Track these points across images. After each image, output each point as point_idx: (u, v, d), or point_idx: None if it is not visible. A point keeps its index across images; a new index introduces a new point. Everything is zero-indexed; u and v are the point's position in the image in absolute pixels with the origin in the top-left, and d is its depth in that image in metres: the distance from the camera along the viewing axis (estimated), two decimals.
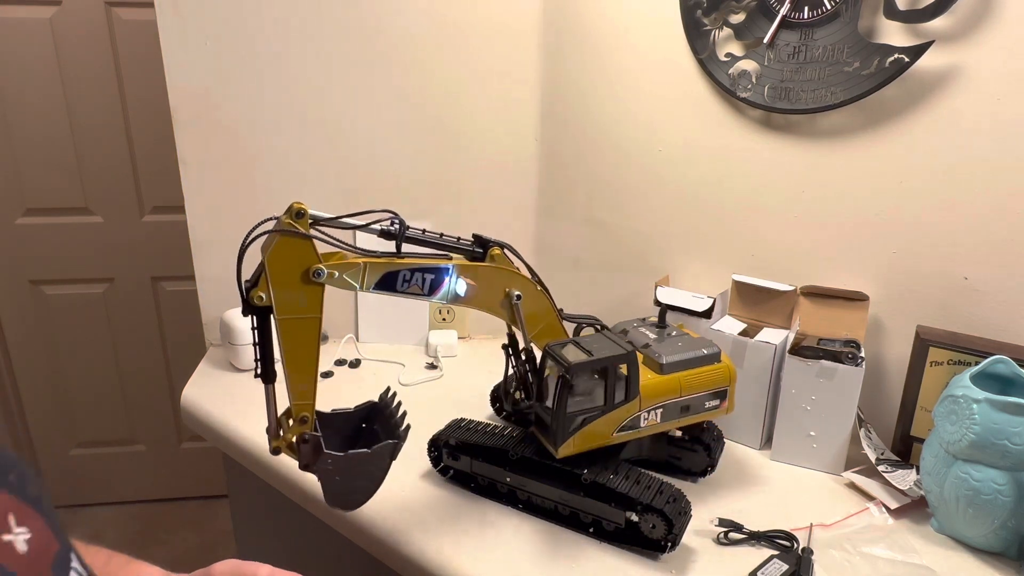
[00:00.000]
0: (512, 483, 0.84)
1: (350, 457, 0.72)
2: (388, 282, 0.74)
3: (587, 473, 0.78)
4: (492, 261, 0.80)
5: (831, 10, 0.91)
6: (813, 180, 1.01)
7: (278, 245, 0.68)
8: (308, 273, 0.69)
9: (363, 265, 0.73)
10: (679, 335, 0.91)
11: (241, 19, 1.16)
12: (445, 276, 0.76)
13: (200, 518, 2.24)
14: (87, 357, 2.11)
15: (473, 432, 0.88)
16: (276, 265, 0.68)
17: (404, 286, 0.75)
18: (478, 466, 0.87)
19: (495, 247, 0.80)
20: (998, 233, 0.87)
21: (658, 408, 0.83)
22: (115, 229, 2.00)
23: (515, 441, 0.85)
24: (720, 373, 0.87)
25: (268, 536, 1.22)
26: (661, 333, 0.91)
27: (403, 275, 0.75)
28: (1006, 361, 0.78)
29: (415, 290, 0.76)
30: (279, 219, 0.69)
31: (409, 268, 0.74)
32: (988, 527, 0.76)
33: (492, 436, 0.87)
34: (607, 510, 0.78)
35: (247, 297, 0.69)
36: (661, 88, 1.13)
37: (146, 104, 1.89)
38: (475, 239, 0.81)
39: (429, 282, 0.76)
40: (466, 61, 1.25)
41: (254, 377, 0.72)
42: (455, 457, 0.89)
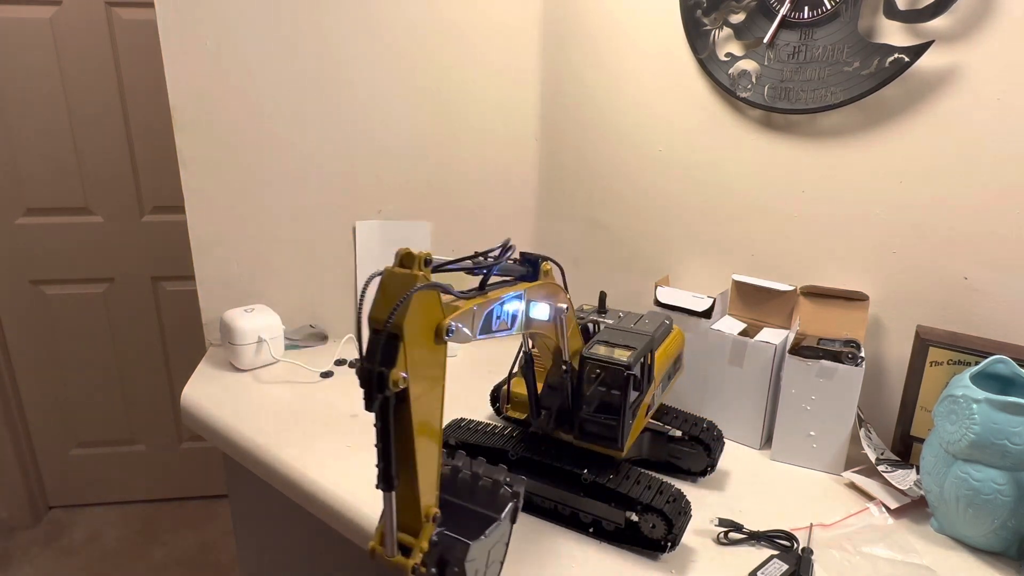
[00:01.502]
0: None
1: (489, 537, 0.60)
2: (487, 323, 0.64)
3: (587, 473, 0.78)
4: (545, 276, 0.75)
5: (831, 10, 0.91)
6: (813, 180, 1.01)
7: (418, 305, 0.53)
8: (441, 332, 0.56)
9: (473, 310, 0.61)
10: (629, 315, 0.92)
11: (241, 19, 1.16)
12: (519, 303, 0.68)
13: (200, 518, 2.25)
14: (87, 357, 2.11)
15: (472, 432, 0.88)
16: (412, 329, 0.53)
17: (496, 323, 0.65)
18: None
19: (545, 262, 0.75)
20: (998, 233, 0.87)
21: (661, 382, 0.87)
22: (115, 229, 2.00)
23: (514, 441, 0.85)
24: (678, 338, 0.94)
25: (268, 536, 1.22)
26: (614, 316, 0.92)
27: (495, 312, 0.64)
28: (1006, 361, 0.78)
29: (503, 326, 0.66)
30: (391, 270, 0.54)
31: (498, 302, 0.65)
32: (988, 527, 0.76)
33: (491, 436, 0.87)
34: (607, 510, 0.78)
35: (381, 381, 0.50)
36: (661, 88, 1.13)
37: (146, 104, 1.89)
38: (522, 256, 0.74)
39: (510, 314, 0.67)
40: (466, 61, 1.25)
41: (376, 487, 0.54)
42: (454, 458, 0.89)
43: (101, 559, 2.05)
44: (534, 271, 0.73)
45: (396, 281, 0.53)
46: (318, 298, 1.34)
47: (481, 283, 0.64)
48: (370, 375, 0.50)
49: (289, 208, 1.28)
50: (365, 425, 1.04)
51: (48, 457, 2.22)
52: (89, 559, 2.05)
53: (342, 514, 0.86)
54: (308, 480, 0.91)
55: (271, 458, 0.96)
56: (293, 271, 1.32)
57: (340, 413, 1.07)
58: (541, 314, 0.72)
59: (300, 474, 0.92)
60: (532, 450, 0.82)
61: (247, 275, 1.30)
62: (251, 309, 1.23)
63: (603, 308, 0.93)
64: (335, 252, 1.32)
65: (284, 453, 0.96)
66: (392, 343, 0.51)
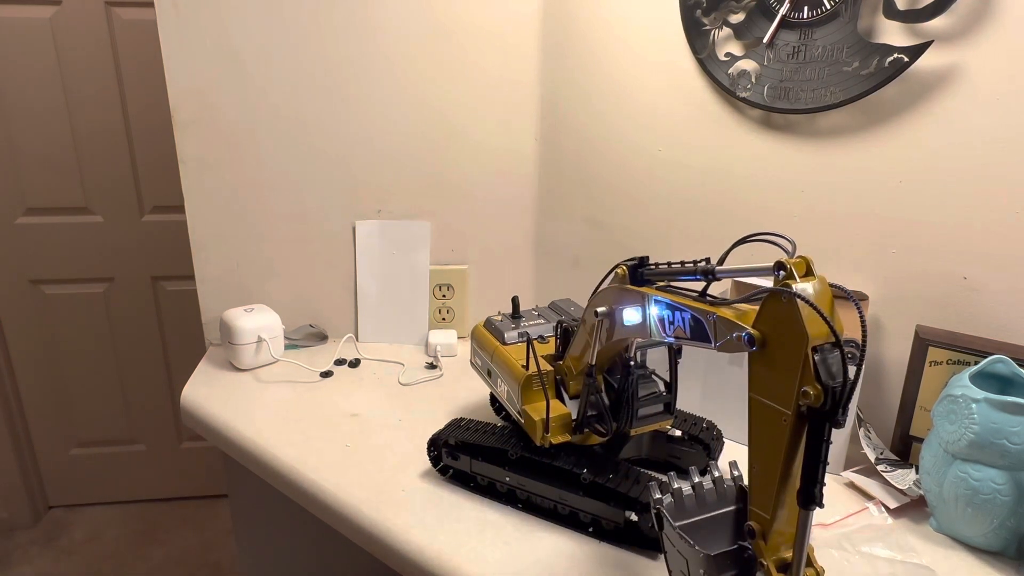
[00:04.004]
0: (511, 483, 0.84)
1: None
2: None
3: (586, 473, 0.78)
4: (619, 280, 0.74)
5: (830, 10, 0.91)
6: (813, 180, 1.01)
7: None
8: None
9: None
10: (542, 311, 0.98)
11: (241, 19, 1.16)
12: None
13: (200, 518, 2.25)
14: (87, 357, 2.11)
15: (472, 431, 0.88)
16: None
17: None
18: (478, 466, 0.87)
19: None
20: (998, 233, 0.87)
21: None
22: (115, 229, 2.00)
23: (514, 441, 0.85)
24: None
25: (268, 536, 1.22)
26: (530, 315, 0.96)
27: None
28: (1005, 361, 0.78)
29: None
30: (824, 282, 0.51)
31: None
32: (987, 526, 0.76)
33: (491, 436, 0.87)
34: (606, 509, 0.78)
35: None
36: (661, 88, 1.13)
37: (146, 104, 1.89)
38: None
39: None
40: (466, 61, 1.25)
41: (805, 506, 0.50)
42: (454, 456, 0.89)
43: (101, 559, 2.05)
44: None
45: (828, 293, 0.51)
46: (318, 298, 1.34)
47: (703, 291, 0.62)
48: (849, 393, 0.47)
49: (289, 208, 1.28)
50: (365, 425, 1.04)
51: (48, 457, 2.22)
52: (89, 559, 2.05)
53: (342, 514, 0.86)
54: (308, 480, 0.91)
55: (271, 458, 0.96)
56: (293, 271, 1.32)
57: (340, 413, 1.08)
58: (633, 319, 0.67)
59: (300, 474, 0.92)
60: (531, 450, 0.82)
61: (247, 275, 1.30)
62: (251, 309, 1.23)
63: (517, 313, 0.95)
64: (335, 252, 1.32)
65: (284, 453, 0.96)
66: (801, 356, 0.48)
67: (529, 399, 0.83)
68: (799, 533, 0.51)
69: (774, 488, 0.51)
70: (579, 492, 0.79)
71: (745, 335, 0.52)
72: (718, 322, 0.56)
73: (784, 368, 0.49)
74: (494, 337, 0.94)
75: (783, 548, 0.53)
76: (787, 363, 0.49)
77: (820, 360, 0.47)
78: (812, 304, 0.48)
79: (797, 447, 0.50)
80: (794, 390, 0.48)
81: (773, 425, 0.51)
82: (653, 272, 0.67)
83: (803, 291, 0.49)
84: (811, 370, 0.47)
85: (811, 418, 0.48)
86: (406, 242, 1.32)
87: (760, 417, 0.52)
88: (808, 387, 0.47)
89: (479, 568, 0.75)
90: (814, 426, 0.48)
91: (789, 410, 0.49)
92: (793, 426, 0.49)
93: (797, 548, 0.51)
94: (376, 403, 1.11)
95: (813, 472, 0.49)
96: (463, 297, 1.37)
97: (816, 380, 0.47)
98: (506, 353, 0.90)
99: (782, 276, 0.51)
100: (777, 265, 0.51)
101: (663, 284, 0.66)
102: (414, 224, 1.32)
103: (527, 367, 0.84)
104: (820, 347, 0.48)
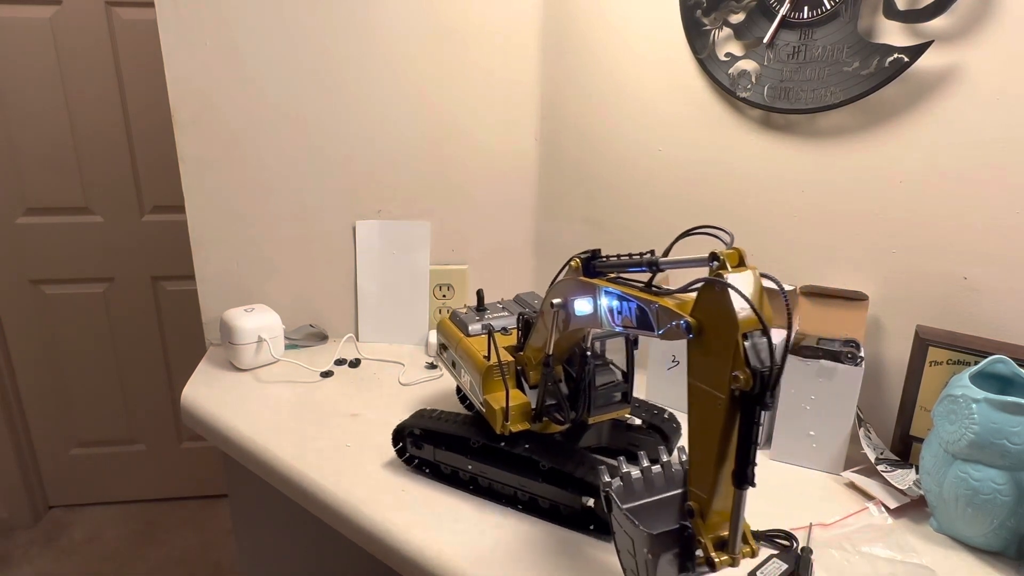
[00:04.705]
0: (473, 470, 0.86)
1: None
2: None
3: (545, 460, 0.80)
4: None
5: (831, 10, 0.92)
6: (813, 180, 1.01)
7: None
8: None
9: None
10: (507, 304, 1.00)
11: (241, 19, 1.16)
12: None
13: (200, 518, 2.25)
14: (87, 357, 2.11)
15: (437, 421, 0.90)
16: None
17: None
18: (441, 454, 0.89)
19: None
20: (998, 233, 0.87)
21: None
22: (115, 229, 2.00)
23: (476, 430, 0.87)
24: None
25: (268, 536, 1.22)
26: (494, 308, 0.99)
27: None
28: (1005, 361, 0.78)
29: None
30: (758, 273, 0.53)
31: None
32: (987, 526, 0.76)
33: (455, 425, 0.89)
34: (564, 495, 0.80)
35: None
36: (661, 88, 1.13)
37: (146, 104, 1.89)
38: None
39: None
40: (466, 60, 1.25)
41: (739, 486, 0.53)
42: (419, 446, 0.91)
43: (101, 559, 2.05)
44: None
45: (758, 283, 0.53)
46: (318, 298, 1.34)
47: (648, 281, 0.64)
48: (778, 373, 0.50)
49: (289, 208, 1.28)
50: (365, 425, 1.04)
51: (48, 457, 2.22)
52: (89, 559, 2.05)
53: (342, 514, 0.86)
54: (308, 480, 0.91)
55: (271, 458, 0.96)
56: (293, 271, 1.32)
57: (340, 413, 1.08)
58: (585, 309, 0.70)
59: (300, 474, 0.92)
60: (492, 438, 0.84)
61: (247, 275, 1.30)
62: (251, 309, 1.23)
63: (481, 306, 0.98)
64: (335, 252, 1.32)
65: (284, 453, 0.96)
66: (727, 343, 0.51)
67: (490, 389, 0.85)
68: (734, 512, 0.53)
69: (711, 469, 0.54)
70: (538, 479, 0.81)
71: (683, 323, 0.54)
72: (660, 311, 0.58)
73: (718, 354, 0.51)
74: (458, 329, 0.96)
75: (721, 527, 0.55)
76: (720, 349, 0.51)
77: (750, 346, 0.49)
78: (741, 293, 0.50)
79: (732, 430, 0.52)
80: (727, 375, 0.50)
81: (709, 409, 0.53)
82: (604, 264, 0.70)
83: (734, 281, 0.51)
84: (741, 355, 0.49)
85: (743, 401, 0.50)
86: (406, 242, 1.32)
87: (698, 401, 0.54)
88: (739, 371, 0.49)
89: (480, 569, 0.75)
90: (746, 409, 0.51)
91: (723, 394, 0.51)
92: (727, 409, 0.51)
93: (733, 526, 0.54)
94: (376, 403, 1.11)
95: (746, 453, 0.51)
96: (463, 297, 1.37)
97: (746, 365, 0.49)
98: (469, 345, 0.91)
99: (715, 266, 0.53)
100: (711, 256, 0.53)
101: (614, 276, 0.69)
102: (414, 224, 1.32)
103: (489, 358, 0.86)
104: (750, 334, 0.49)
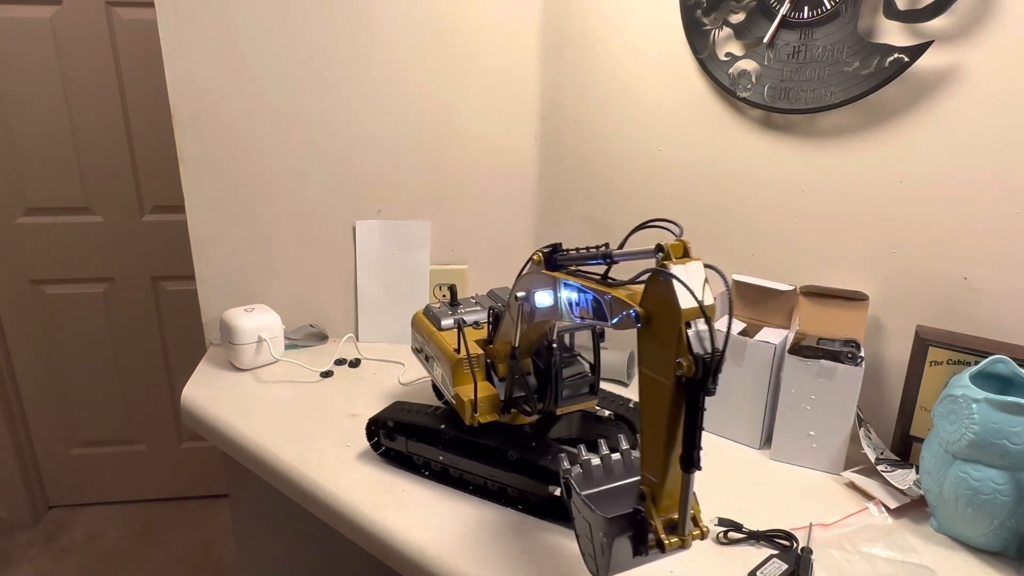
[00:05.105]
0: (445, 461, 0.88)
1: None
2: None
3: (513, 450, 0.81)
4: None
5: (831, 10, 0.91)
6: (813, 180, 1.01)
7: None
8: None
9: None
10: (480, 298, 1.03)
11: (241, 19, 1.16)
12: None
13: (200, 518, 2.25)
14: (87, 357, 2.11)
15: (410, 413, 0.92)
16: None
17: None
18: (413, 446, 0.90)
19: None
20: (998, 233, 0.87)
21: None
22: (115, 229, 2.00)
23: (448, 421, 0.88)
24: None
25: (268, 536, 1.22)
26: (467, 303, 1.01)
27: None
28: (1005, 361, 0.78)
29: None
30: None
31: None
32: (987, 526, 0.76)
33: (427, 417, 0.90)
34: (531, 484, 0.81)
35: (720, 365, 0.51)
36: (661, 88, 1.13)
37: (146, 104, 1.89)
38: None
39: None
40: (466, 60, 1.25)
41: (686, 470, 0.54)
42: (392, 437, 0.92)
43: (101, 559, 2.05)
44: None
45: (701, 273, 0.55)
46: (318, 298, 1.34)
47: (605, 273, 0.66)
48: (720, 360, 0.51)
49: (289, 208, 1.28)
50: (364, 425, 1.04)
51: (48, 457, 2.22)
52: (89, 559, 2.05)
53: (342, 514, 0.86)
54: (308, 480, 0.91)
55: (271, 458, 0.96)
56: (293, 271, 1.32)
57: (340, 413, 1.08)
58: (545, 301, 0.72)
59: (300, 474, 0.92)
60: (462, 429, 0.85)
61: (247, 275, 1.30)
62: (251, 309, 1.23)
63: (455, 301, 1.01)
64: (335, 252, 1.32)
65: (284, 453, 0.96)
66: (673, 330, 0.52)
67: (460, 381, 0.87)
68: (683, 495, 0.55)
69: (661, 454, 0.55)
70: (506, 468, 0.82)
71: (632, 312, 0.56)
72: (613, 302, 0.60)
73: (664, 342, 0.53)
74: (431, 323, 0.98)
75: (672, 510, 0.57)
76: (666, 337, 0.53)
77: (693, 334, 0.51)
78: (683, 282, 0.52)
79: (679, 415, 0.53)
80: (672, 362, 0.52)
81: (657, 395, 0.55)
82: (564, 257, 0.72)
83: (679, 271, 0.53)
84: (684, 343, 0.51)
85: (687, 387, 0.52)
86: (406, 242, 1.32)
87: (647, 388, 0.56)
88: (682, 358, 0.51)
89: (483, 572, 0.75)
90: (690, 395, 0.52)
91: (669, 380, 0.53)
92: (673, 395, 0.53)
93: (682, 509, 0.56)
94: (376, 403, 1.11)
95: (692, 437, 0.53)
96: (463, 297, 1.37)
97: (689, 352, 0.51)
98: (441, 338, 0.93)
99: (660, 257, 0.55)
100: (657, 248, 0.56)
101: (574, 268, 0.70)
102: (414, 224, 1.32)
103: (459, 351, 0.87)
104: (693, 322, 0.51)
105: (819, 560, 0.75)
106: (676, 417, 0.53)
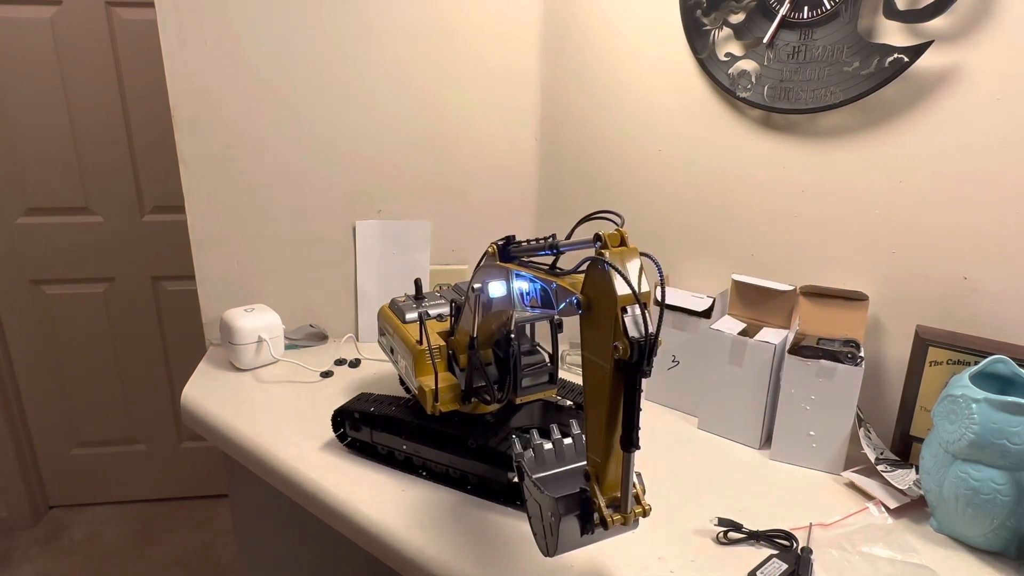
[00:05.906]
0: (408, 450, 0.90)
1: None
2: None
3: (472, 438, 0.83)
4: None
5: (831, 10, 0.92)
6: (813, 180, 1.01)
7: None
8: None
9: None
10: (445, 292, 1.04)
11: (241, 19, 1.16)
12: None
13: (200, 518, 2.25)
14: (87, 357, 2.12)
15: (375, 404, 0.94)
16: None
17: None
18: (378, 436, 0.92)
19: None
20: (998, 233, 0.87)
21: None
22: (115, 229, 2.00)
23: (411, 412, 0.90)
24: None
25: (268, 535, 1.22)
26: (432, 296, 1.03)
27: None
28: (1005, 361, 0.78)
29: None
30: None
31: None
32: (987, 526, 0.76)
33: (391, 407, 0.92)
34: (489, 471, 0.83)
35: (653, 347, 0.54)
36: (661, 88, 1.14)
37: (146, 104, 1.89)
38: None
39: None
40: (466, 61, 1.25)
41: (626, 450, 0.56)
42: (357, 428, 0.94)
43: (101, 558, 2.05)
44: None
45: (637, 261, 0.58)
46: (318, 298, 1.34)
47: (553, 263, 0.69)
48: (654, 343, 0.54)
49: (289, 208, 1.28)
50: None
51: (48, 457, 2.22)
52: (89, 558, 2.05)
53: (342, 514, 0.86)
54: (308, 480, 0.91)
55: (271, 458, 0.96)
56: (293, 271, 1.32)
57: None
58: (498, 292, 0.74)
59: (300, 474, 0.92)
60: (425, 419, 0.88)
61: (247, 275, 1.30)
62: (251, 309, 1.23)
63: (419, 294, 1.02)
64: (335, 252, 1.32)
65: (284, 453, 0.96)
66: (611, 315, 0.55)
67: (422, 372, 0.89)
68: (624, 474, 0.57)
69: (602, 435, 0.57)
70: (466, 456, 0.85)
71: (574, 299, 0.59)
72: (558, 290, 0.62)
73: (603, 327, 0.55)
74: (396, 316, 0.99)
75: (615, 488, 0.59)
76: (604, 322, 0.55)
77: (628, 318, 0.53)
78: (617, 269, 0.54)
79: (619, 397, 0.56)
80: (610, 345, 0.54)
81: (598, 378, 0.57)
82: (517, 249, 0.74)
83: (616, 259, 0.55)
84: (621, 327, 0.53)
85: (625, 370, 0.54)
86: (406, 242, 1.32)
87: (589, 372, 0.59)
88: (619, 342, 0.53)
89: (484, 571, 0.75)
90: (627, 377, 0.55)
91: (607, 364, 0.55)
92: (611, 377, 0.55)
93: (623, 488, 0.58)
94: None
95: (630, 418, 0.55)
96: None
97: (624, 335, 0.53)
98: (404, 331, 0.95)
99: (599, 246, 0.57)
100: (595, 237, 0.57)
101: (526, 259, 0.72)
102: (414, 224, 1.32)
103: (421, 343, 0.89)
104: (629, 307, 0.53)
105: (819, 560, 0.75)
106: (616, 399, 0.56)
